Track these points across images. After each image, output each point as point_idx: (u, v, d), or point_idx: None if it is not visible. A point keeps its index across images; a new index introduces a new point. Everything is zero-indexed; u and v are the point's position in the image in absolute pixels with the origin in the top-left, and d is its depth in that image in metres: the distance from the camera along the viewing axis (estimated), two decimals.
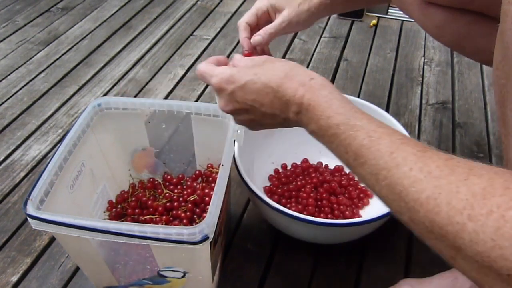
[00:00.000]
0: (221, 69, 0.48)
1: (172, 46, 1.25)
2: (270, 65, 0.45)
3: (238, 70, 0.46)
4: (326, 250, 0.72)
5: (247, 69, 0.46)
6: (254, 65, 0.46)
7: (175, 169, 0.76)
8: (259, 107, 0.45)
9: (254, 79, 0.44)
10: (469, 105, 1.06)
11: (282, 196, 0.75)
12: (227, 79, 0.46)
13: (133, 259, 0.56)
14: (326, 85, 0.42)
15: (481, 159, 0.91)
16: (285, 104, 0.43)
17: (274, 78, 0.43)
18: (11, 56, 1.19)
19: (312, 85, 0.41)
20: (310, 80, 0.42)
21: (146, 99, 0.67)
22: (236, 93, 0.46)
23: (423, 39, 1.31)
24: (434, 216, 0.29)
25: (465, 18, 0.53)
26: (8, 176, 0.85)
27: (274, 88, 0.43)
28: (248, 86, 0.44)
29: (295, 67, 0.44)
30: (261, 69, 0.45)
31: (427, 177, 0.31)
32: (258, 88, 0.44)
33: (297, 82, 0.42)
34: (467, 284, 0.59)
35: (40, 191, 0.51)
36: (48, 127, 0.96)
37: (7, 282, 0.67)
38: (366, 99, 1.02)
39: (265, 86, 0.43)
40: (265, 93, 0.44)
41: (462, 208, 0.28)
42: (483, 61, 0.59)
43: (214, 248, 0.55)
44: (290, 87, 0.42)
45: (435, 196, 0.29)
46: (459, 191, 0.29)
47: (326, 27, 1.36)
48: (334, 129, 0.38)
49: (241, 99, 0.46)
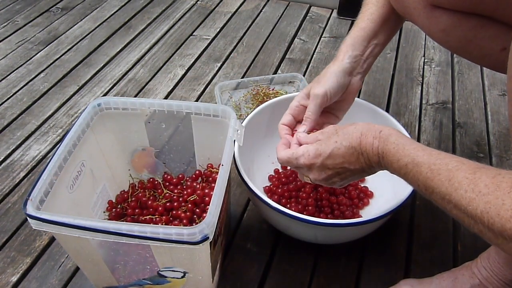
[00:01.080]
0: (304, 149, 0.55)
1: (172, 46, 1.25)
2: (345, 131, 0.53)
3: (320, 143, 0.54)
4: (326, 250, 0.72)
5: (327, 141, 0.54)
6: (330, 136, 0.54)
7: (175, 169, 0.76)
8: (348, 166, 0.53)
9: (337, 146, 0.52)
10: (469, 105, 1.06)
11: (282, 196, 0.75)
12: (314, 155, 0.54)
13: (133, 259, 0.56)
14: (392, 133, 0.49)
15: (481, 159, 0.91)
16: (367, 158, 0.51)
17: (354, 139, 0.51)
18: (11, 56, 1.19)
19: (381, 136, 0.49)
20: (380, 133, 0.49)
21: (146, 99, 0.67)
22: (326, 163, 0.54)
23: (423, 39, 1.31)
24: (491, 226, 0.36)
25: (471, 22, 0.52)
26: (8, 176, 0.85)
27: (356, 148, 0.51)
28: (334, 153, 0.52)
29: (365, 125, 0.52)
30: (339, 137, 0.53)
31: (478, 195, 0.37)
32: (343, 152, 0.52)
33: (371, 137, 0.50)
34: (467, 284, 0.59)
35: (40, 191, 0.51)
36: (48, 127, 0.96)
37: (7, 282, 0.67)
38: (366, 99, 1.02)
39: (349, 148, 0.52)
40: (350, 154, 0.52)
41: (510, 217, 0.34)
42: (489, 65, 0.58)
43: (214, 248, 0.55)
44: (367, 143, 0.50)
45: (487, 211, 0.36)
46: (504, 203, 0.35)
47: (326, 27, 1.36)
48: (404, 169, 0.46)
49: (332, 165, 0.54)
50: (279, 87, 1.07)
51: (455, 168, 0.41)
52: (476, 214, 0.37)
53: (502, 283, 0.57)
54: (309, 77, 1.13)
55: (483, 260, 0.59)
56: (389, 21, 0.66)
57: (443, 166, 0.42)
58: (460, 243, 0.75)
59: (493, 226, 0.36)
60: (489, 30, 0.52)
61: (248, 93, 1.04)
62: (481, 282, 0.58)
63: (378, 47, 0.67)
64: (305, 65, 1.18)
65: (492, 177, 0.37)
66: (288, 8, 1.46)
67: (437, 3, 0.53)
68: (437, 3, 0.53)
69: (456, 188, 0.39)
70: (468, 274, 0.59)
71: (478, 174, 0.39)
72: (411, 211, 0.80)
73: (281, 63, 1.19)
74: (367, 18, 0.65)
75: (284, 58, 1.21)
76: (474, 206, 0.37)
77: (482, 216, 0.36)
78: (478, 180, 0.38)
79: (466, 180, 0.39)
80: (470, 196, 0.38)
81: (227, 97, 1.05)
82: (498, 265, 0.57)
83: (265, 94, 1.01)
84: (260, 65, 1.18)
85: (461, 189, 0.39)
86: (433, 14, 0.54)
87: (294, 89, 1.07)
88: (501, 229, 0.35)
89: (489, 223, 0.36)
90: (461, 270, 0.61)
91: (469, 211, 0.38)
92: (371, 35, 0.65)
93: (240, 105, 1.02)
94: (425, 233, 0.76)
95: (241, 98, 1.04)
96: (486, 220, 0.36)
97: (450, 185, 0.40)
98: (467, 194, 0.38)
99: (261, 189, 0.76)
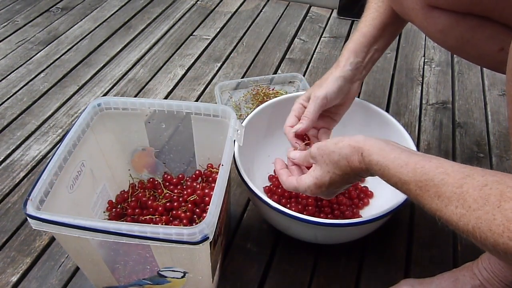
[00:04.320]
0: (304, 185, 0.57)
1: (172, 46, 1.25)
2: (331, 159, 0.53)
3: (315, 176, 0.56)
4: (326, 250, 0.72)
5: (320, 171, 0.55)
6: (321, 164, 0.55)
7: (175, 169, 0.76)
8: (348, 185, 0.57)
9: (332, 176, 0.54)
10: (469, 105, 1.06)
11: (282, 196, 0.75)
12: (315, 188, 0.56)
13: (133, 259, 0.56)
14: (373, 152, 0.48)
15: (481, 159, 0.91)
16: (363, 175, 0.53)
17: (343, 167, 0.52)
18: (11, 56, 1.19)
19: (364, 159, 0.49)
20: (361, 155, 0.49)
21: (146, 99, 0.67)
22: (329, 189, 0.56)
23: (423, 39, 1.31)
24: (484, 241, 0.35)
25: (469, 22, 0.52)
26: (8, 176, 0.85)
27: (349, 173, 0.52)
28: (333, 181, 0.54)
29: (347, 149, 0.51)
30: (329, 166, 0.54)
31: (468, 211, 0.37)
32: (340, 178, 0.54)
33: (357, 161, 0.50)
34: (468, 285, 0.59)
35: (40, 191, 0.51)
36: (48, 127, 0.96)
37: (7, 282, 0.67)
38: (366, 99, 1.02)
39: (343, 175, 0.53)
40: (347, 178, 0.53)
41: (502, 232, 0.34)
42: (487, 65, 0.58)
43: (214, 248, 0.55)
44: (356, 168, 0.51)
45: (479, 226, 0.36)
46: (495, 218, 0.34)
47: (326, 27, 1.36)
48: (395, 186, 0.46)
49: (335, 189, 0.57)
50: (279, 87, 1.07)
51: (441, 182, 0.40)
52: (468, 229, 0.37)
53: (503, 284, 0.57)
54: (309, 77, 1.13)
55: (483, 261, 0.59)
56: (389, 27, 0.66)
57: (430, 182, 0.41)
58: (460, 243, 0.74)
59: (486, 241, 0.35)
60: (487, 31, 0.52)
61: (248, 93, 1.04)
62: (482, 283, 0.58)
63: (377, 53, 0.68)
64: (305, 65, 1.18)
65: (479, 190, 0.37)
66: (288, 8, 1.46)
67: (434, 4, 0.53)
68: (435, 4, 0.53)
69: (446, 204, 0.39)
70: (469, 275, 0.59)
71: (465, 187, 0.38)
72: (411, 211, 0.80)
73: (281, 63, 1.19)
74: (369, 23, 0.66)
75: (284, 58, 1.21)
76: (465, 221, 0.37)
77: (474, 231, 0.36)
78: (466, 194, 0.37)
79: (454, 196, 0.38)
80: (460, 212, 0.37)
81: (227, 97, 1.05)
82: (498, 266, 0.57)
83: (265, 94, 1.01)
84: (260, 65, 1.18)
85: (451, 205, 0.38)
86: (431, 15, 0.54)
87: (294, 89, 1.07)
88: (494, 243, 0.35)
89: (481, 238, 0.35)
90: (462, 271, 0.61)
91: (461, 226, 0.37)
92: (372, 41, 0.66)
93: (240, 105, 1.02)
94: (425, 233, 0.76)
95: (241, 98, 1.04)
96: (479, 236, 0.36)
97: (440, 202, 0.40)
98: (457, 210, 0.38)
99: (261, 189, 0.76)
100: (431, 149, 0.93)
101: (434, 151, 0.92)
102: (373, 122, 0.79)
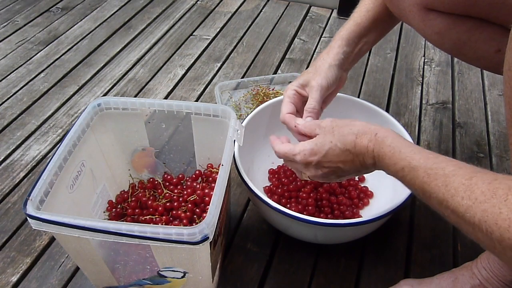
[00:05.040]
0: (301, 147, 0.55)
1: (172, 46, 1.25)
2: (340, 131, 0.52)
3: (316, 142, 0.54)
4: (326, 250, 0.72)
5: (323, 139, 0.53)
6: (326, 133, 0.54)
7: (175, 169, 0.76)
8: (343, 166, 0.53)
9: (332, 147, 0.52)
10: (469, 105, 1.06)
11: (282, 196, 0.75)
12: (310, 154, 0.54)
13: (133, 259, 0.56)
14: (389, 135, 0.49)
15: (481, 159, 0.91)
16: (362, 160, 0.51)
17: (348, 142, 0.51)
18: (11, 56, 1.19)
19: (377, 139, 0.49)
20: (375, 135, 0.49)
21: (146, 99, 0.67)
22: (322, 162, 0.54)
23: (423, 39, 1.30)
24: (490, 235, 0.35)
25: (466, 24, 0.53)
26: (8, 176, 0.85)
27: (351, 150, 0.51)
28: (329, 153, 0.53)
29: (361, 127, 0.51)
30: (334, 137, 0.53)
31: (475, 203, 0.36)
32: (338, 153, 0.52)
33: (366, 140, 0.50)
34: (468, 284, 0.59)
35: (40, 191, 0.51)
36: (48, 127, 0.96)
37: (7, 282, 0.67)
38: (366, 99, 1.02)
39: (343, 150, 0.52)
40: (345, 155, 0.52)
41: (508, 226, 0.33)
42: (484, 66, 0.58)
43: (214, 248, 0.55)
44: (362, 146, 0.50)
45: (485, 219, 0.35)
46: (502, 212, 0.34)
47: (326, 27, 1.36)
48: (401, 172, 0.46)
49: (328, 164, 0.54)
50: (279, 87, 1.07)
51: (452, 173, 0.40)
52: (474, 222, 0.36)
53: (502, 283, 0.57)
54: None
55: (483, 261, 0.59)
56: (382, 21, 0.67)
57: (440, 170, 0.41)
58: (460, 243, 0.75)
59: (491, 234, 0.35)
60: (484, 32, 0.52)
61: (248, 93, 1.04)
62: (481, 283, 0.58)
63: (366, 46, 0.68)
64: (305, 65, 1.18)
65: (488, 183, 0.36)
66: (288, 8, 1.46)
67: (431, 6, 0.53)
68: (432, 6, 0.53)
69: (453, 194, 0.38)
70: (468, 275, 0.59)
71: (474, 179, 0.38)
72: (411, 211, 0.80)
73: (281, 63, 1.19)
74: (363, 14, 0.66)
75: (284, 58, 1.21)
76: (471, 213, 0.36)
77: (480, 224, 0.36)
78: (474, 186, 0.37)
79: (462, 187, 0.38)
80: (467, 203, 0.37)
81: (227, 97, 1.05)
82: (498, 266, 0.57)
83: (265, 94, 1.01)
84: (260, 65, 1.18)
85: (457, 195, 0.38)
86: (427, 17, 0.54)
87: None
88: (499, 238, 0.34)
89: (487, 231, 0.35)
90: (461, 270, 0.61)
91: (467, 218, 0.37)
92: (364, 32, 0.66)
93: (240, 105, 1.02)
94: (425, 233, 0.76)
95: (241, 98, 1.04)
96: (484, 229, 0.35)
97: (446, 191, 0.39)
98: (463, 201, 0.37)
99: (261, 189, 0.76)
100: (431, 149, 0.93)
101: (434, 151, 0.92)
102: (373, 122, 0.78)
